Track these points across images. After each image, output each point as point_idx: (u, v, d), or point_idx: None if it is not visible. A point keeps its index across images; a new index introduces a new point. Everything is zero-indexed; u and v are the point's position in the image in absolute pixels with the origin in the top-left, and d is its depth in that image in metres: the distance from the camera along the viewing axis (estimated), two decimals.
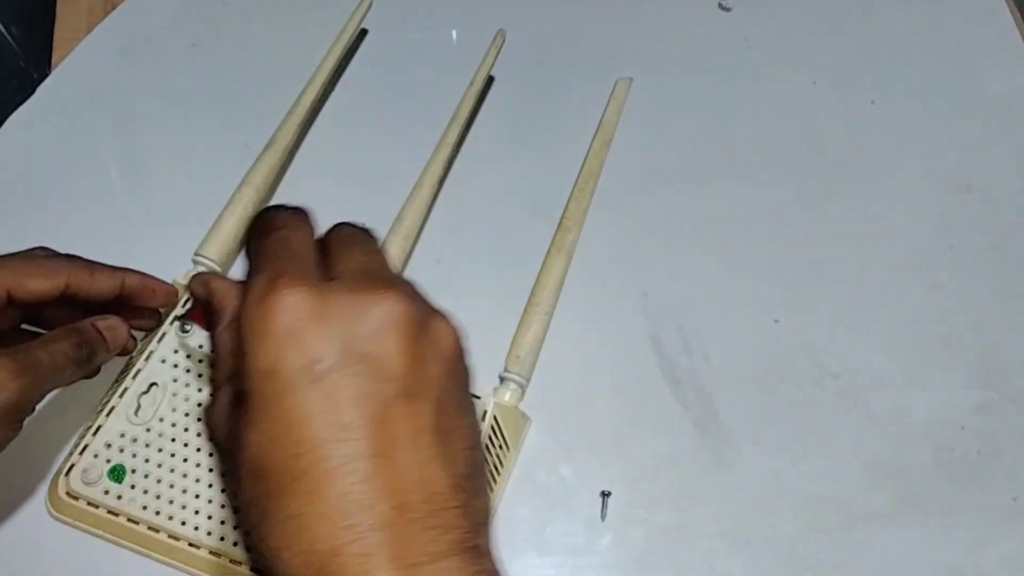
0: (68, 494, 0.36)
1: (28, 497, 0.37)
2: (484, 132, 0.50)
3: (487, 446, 0.37)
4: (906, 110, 0.52)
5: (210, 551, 0.35)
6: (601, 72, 0.52)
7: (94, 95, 0.51)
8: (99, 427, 0.36)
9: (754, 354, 0.43)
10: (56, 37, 0.54)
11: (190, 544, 0.35)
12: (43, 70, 0.52)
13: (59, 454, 0.38)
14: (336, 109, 0.51)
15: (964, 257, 0.46)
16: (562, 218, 0.46)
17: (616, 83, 0.51)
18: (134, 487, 0.35)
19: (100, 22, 0.54)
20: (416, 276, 0.45)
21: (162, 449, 0.36)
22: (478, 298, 0.44)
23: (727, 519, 0.39)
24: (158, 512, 0.35)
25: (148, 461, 0.36)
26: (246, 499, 0.25)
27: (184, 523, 0.35)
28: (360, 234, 0.28)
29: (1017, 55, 0.54)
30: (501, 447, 0.38)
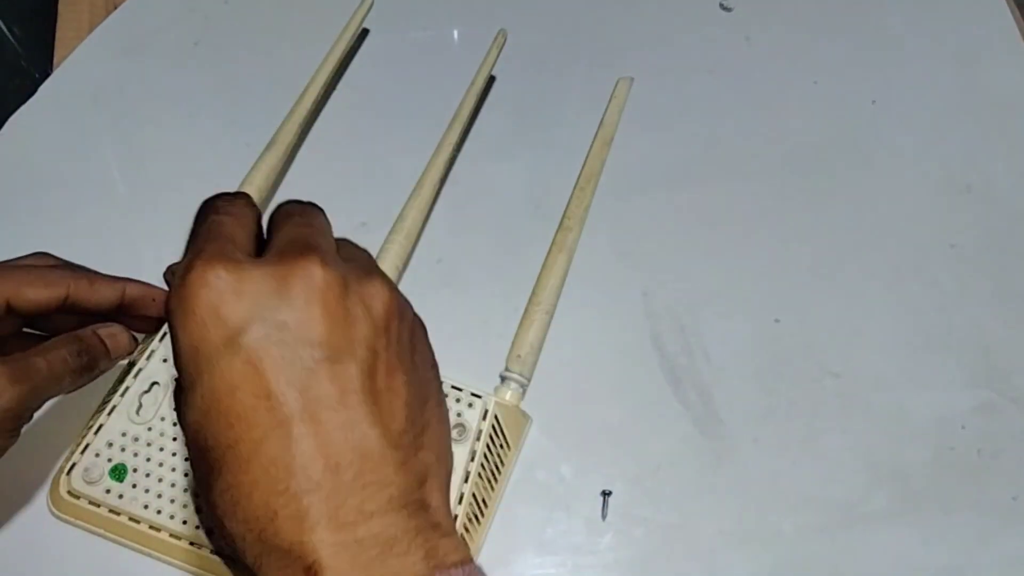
0: (69, 493, 0.36)
1: (30, 496, 0.37)
2: (485, 132, 0.50)
3: (488, 445, 0.37)
4: (907, 110, 0.52)
5: (211, 550, 0.35)
6: (602, 72, 0.53)
7: (96, 94, 0.51)
8: (100, 426, 0.36)
9: (755, 353, 0.43)
10: (58, 36, 0.54)
11: (191, 543, 0.35)
12: (45, 69, 0.53)
13: (60, 453, 0.38)
14: (337, 109, 0.51)
15: (965, 257, 0.46)
16: (563, 217, 0.46)
17: (617, 83, 0.52)
18: (135, 486, 0.35)
19: (102, 21, 0.54)
20: (418, 276, 0.46)
21: (163, 448, 0.36)
22: (479, 297, 0.44)
23: (727, 518, 0.39)
24: (159, 511, 0.35)
25: (149, 460, 0.36)
26: (197, 478, 0.26)
27: (185, 522, 0.35)
28: (296, 208, 0.28)
29: (1018, 55, 0.54)
30: (502, 446, 0.38)
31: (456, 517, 0.35)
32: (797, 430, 0.41)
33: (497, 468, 0.38)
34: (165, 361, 0.37)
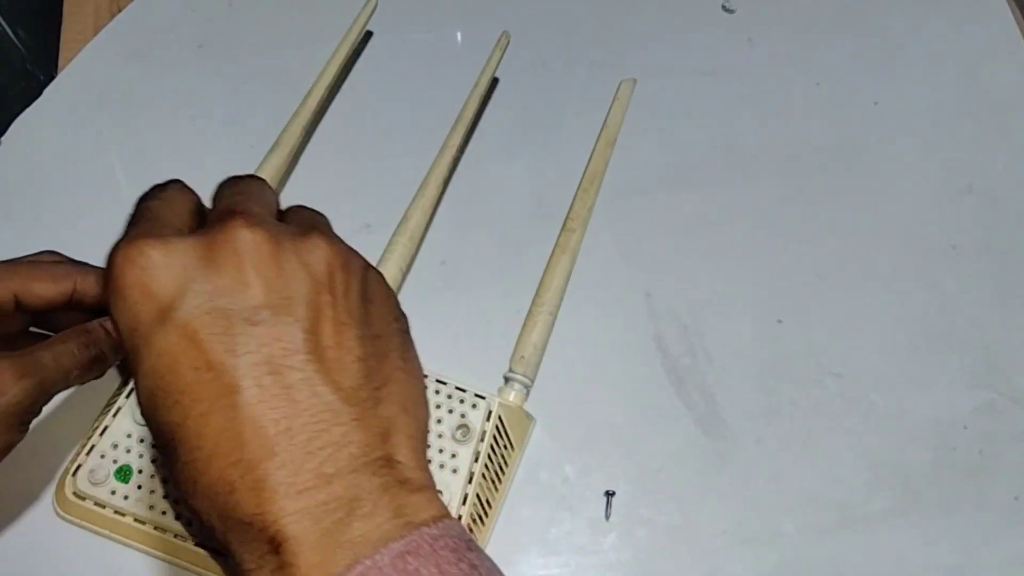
0: (75, 494, 0.36)
1: (36, 497, 0.38)
2: (488, 133, 0.50)
3: (492, 446, 0.37)
4: (908, 111, 0.52)
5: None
6: (605, 73, 0.53)
7: (100, 97, 0.51)
8: (106, 427, 0.36)
9: (757, 354, 0.43)
10: (62, 39, 0.54)
11: (197, 544, 0.35)
12: (49, 72, 0.53)
13: (66, 455, 0.38)
14: (342, 110, 0.51)
15: (966, 257, 0.46)
16: (566, 219, 0.46)
17: (620, 84, 0.52)
18: (140, 487, 0.35)
19: (106, 24, 0.54)
20: (421, 277, 0.46)
21: None
22: (483, 299, 0.44)
23: (730, 518, 0.39)
24: (164, 512, 0.35)
25: (155, 461, 0.36)
26: (162, 460, 0.25)
27: (191, 523, 0.35)
28: (229, 181, 0.28)
29: (1019, 57, 0.54)
30: (506, 447, 0.38)
31: (460, 517, 0.35)
32: (799, 430, 0.41)
33: (501, 469, 0.38)
34: None
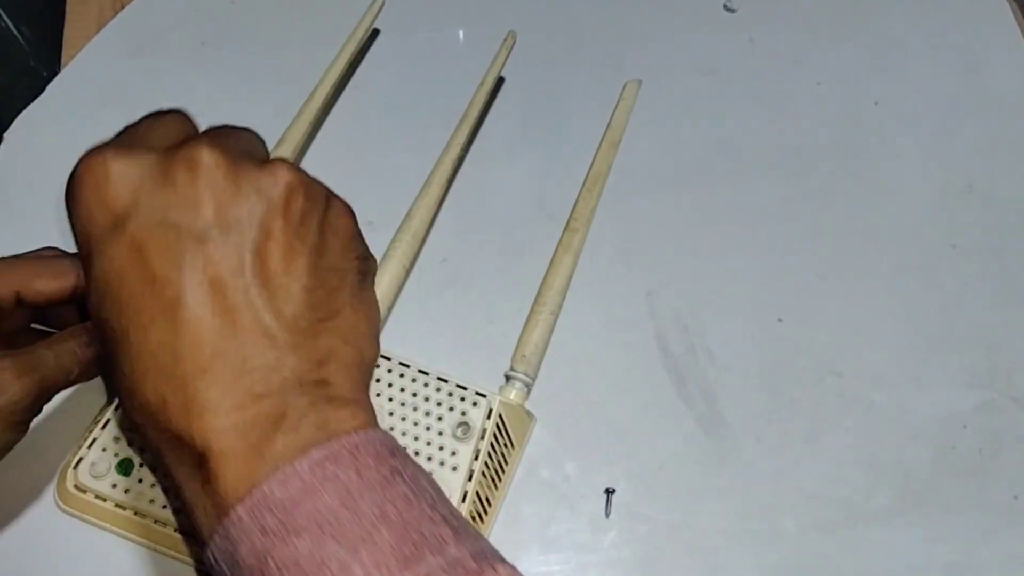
0: (76, 487, 0.36)
1: (37, 490, 0.38)
2: (493, 132, 0.50)
3: (492, 444, 0.37)
4: (909, 111, 0.52)
5: None
6: (606, 73, 0.53)
7: (103, 94, 0.51)
8: (107, 420, 0.36)
9: (758, 353, 0.43)
10: (66, 36, 0.54)
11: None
12: (53, 69, 0.53)
13: (68, 447, 0.38)
14: (347, 108, 0.51)
15: (966, 256, 0.46)
16: (569, 219, 0.46)
17: (625, 85, 0.52)
18: (142, 481, 0.35)
19: (109, 21, 0.54)
20: (423, 275, 0.46)
21: None
22: (484, 297, 0.44)
23: (730, 516, 0.39)
24: (165, 506, 0.35)
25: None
26: (109, 371, 0.25)
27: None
28: (224, 126, 0.29)
29: (1021, 57, 0.54)
30: (506, 445, 0.38)
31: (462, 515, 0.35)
32: (800, 429, 0.41)
33: (501, 467, 0.38)
34: None
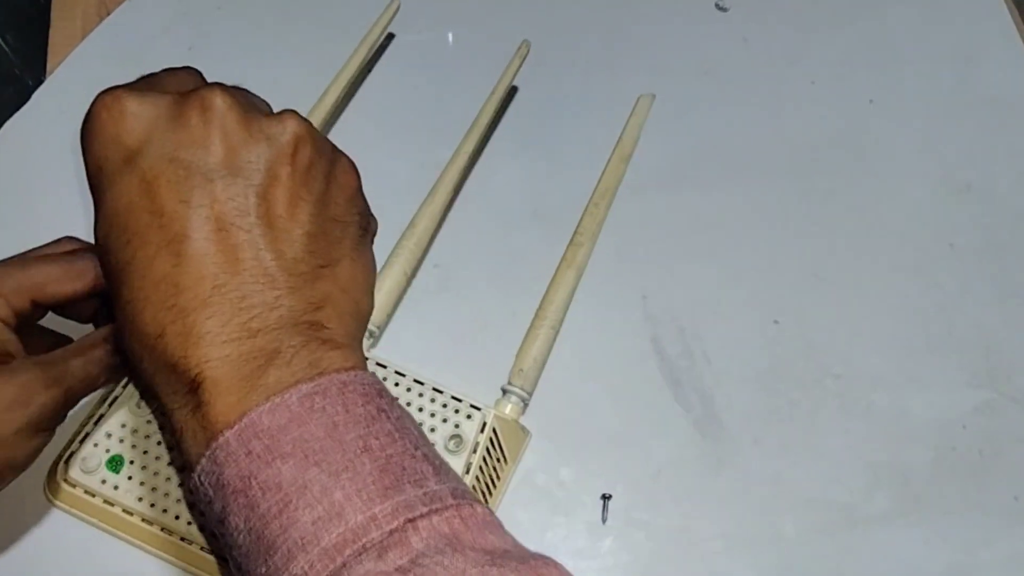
0: (66, 481, 0.36)
1: (29, 482, 0.37)
2: (503, 142, 0.50)
3: (484, 458, 0.36)
4: (905, 109, 0.52)
5: (201, 547, 0.34)
6: (606, 76, 0.52)
7: (90, 101, 0.51)
8: (101, 416, 0.36)
9: (755, 355, 0.43)
10: (51, 43, 0.54)
11: (183, 539, 0.34)
12: (38, 76, 0.52)
13: (61, 441, 0.37)
14: (357, 113, 0.51)
15: (964, 256, 0.46)
16: (575, 233, 0.45)
17: (639, 99, 0.51)
18: (131, 478, 0.35)
19: (95, 28, 0.54)
20: (422, 283, 0.45)
21: (161, 442, 0.35)
22: (484, 307, 0.44)
23: (728, 521, 0.38)
24: (153, 504, 0.35)
25: (147, 453, 0.35)
26: (112, 297, 0.26)
27: (178, 517, 0.34)
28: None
29: (1016, 54, 0.54)
30: (499, 460, 0.38)
31: None
32: (798, 431, 0.41)
33: (492, 482, 0.38)
34: None
